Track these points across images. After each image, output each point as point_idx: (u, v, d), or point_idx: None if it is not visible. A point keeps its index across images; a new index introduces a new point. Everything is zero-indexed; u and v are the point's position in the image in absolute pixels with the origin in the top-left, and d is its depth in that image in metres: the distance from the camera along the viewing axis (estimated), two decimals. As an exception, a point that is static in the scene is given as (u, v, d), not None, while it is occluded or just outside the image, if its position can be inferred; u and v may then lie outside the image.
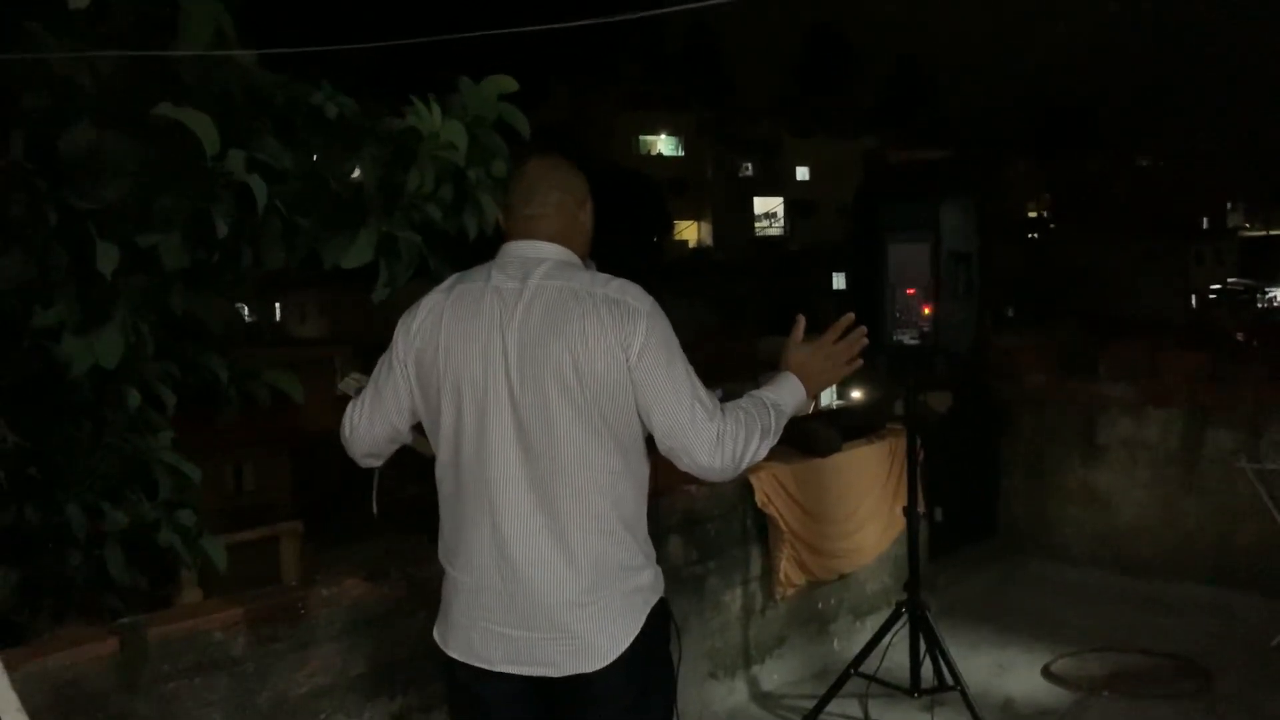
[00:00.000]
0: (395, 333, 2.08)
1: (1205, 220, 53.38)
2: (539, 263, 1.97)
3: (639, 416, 1.92)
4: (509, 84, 2.71)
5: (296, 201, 2.42)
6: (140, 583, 3.02)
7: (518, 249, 2.03)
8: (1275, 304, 48.75)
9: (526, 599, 1.92)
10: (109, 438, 2.87)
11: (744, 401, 2.00)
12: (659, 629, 2.00)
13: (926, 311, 3.50)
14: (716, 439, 1.89)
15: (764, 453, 1.96)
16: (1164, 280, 42.11)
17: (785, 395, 2.05)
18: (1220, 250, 50.30)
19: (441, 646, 2.04)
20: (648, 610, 1.97)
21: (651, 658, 1.99)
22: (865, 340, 2.15)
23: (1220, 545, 4.88)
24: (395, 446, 2.20)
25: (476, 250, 2.69)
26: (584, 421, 1.89)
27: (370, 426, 2.12)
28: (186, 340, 2.94)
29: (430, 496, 2.11)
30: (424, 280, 2.51)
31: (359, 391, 2.16)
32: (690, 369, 1.94)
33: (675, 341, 1.94)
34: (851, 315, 2.15)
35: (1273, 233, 57.93)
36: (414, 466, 2.40)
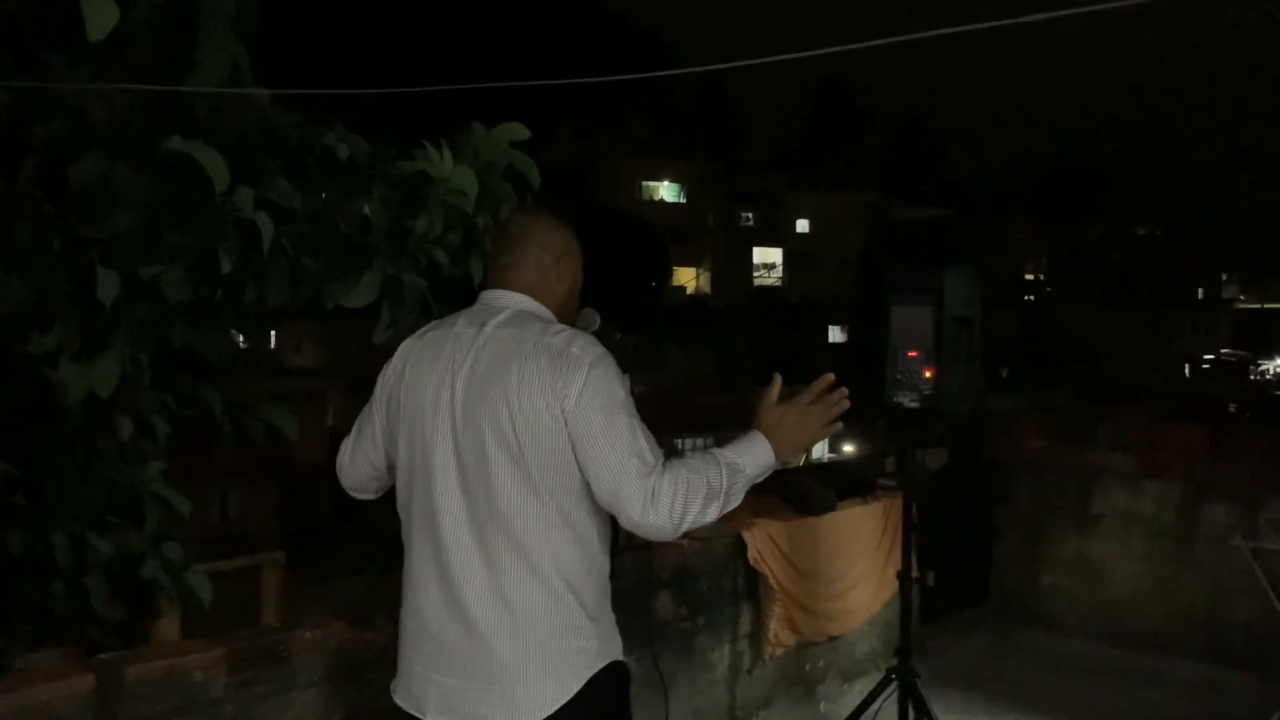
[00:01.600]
0: (378, 376, 2.12)
1: (1200, 290, 53.81)
2: (499, 311, 1.99)
3: (580, 470, 1.87)
4: (520, 132, 2.73)
5: (304, 241, 2.42)
6: (119, 614, 2.98)
7: (488, 297, 2.06)
8: (1267, 376, 48.99)
9: (462, 647, 1.89)
10: (100, 467, 2.85)
11: (696, 459, 1.90)
12: (607, 695, 1.92)
13: (927, 375, 3.49)
14: (650, 496, 1.80)
15: (713, 515, 1.86)
16: (1158, 348, 42.30)
17: (748, 456, 1.93)
18: (1215, 321, 50.65)
19: (392, 695, 2.02)
20: (590, 673, 1.90)
21: None
22: (846, 403, 2.04)
23: (1213, 622, 4.84)
24: (379, 484, 2.20)
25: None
26: (519, 473, 1.85)
27: (353, 464, 2.17)
28: (183, 372, 2.93)
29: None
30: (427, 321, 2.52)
31: None
32: (635, 422, 1.86)
33: (620, 393, 1.87)
34: (831, 376, 2.05)
35: (1267, 305, 58.36)
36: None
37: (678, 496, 1.81)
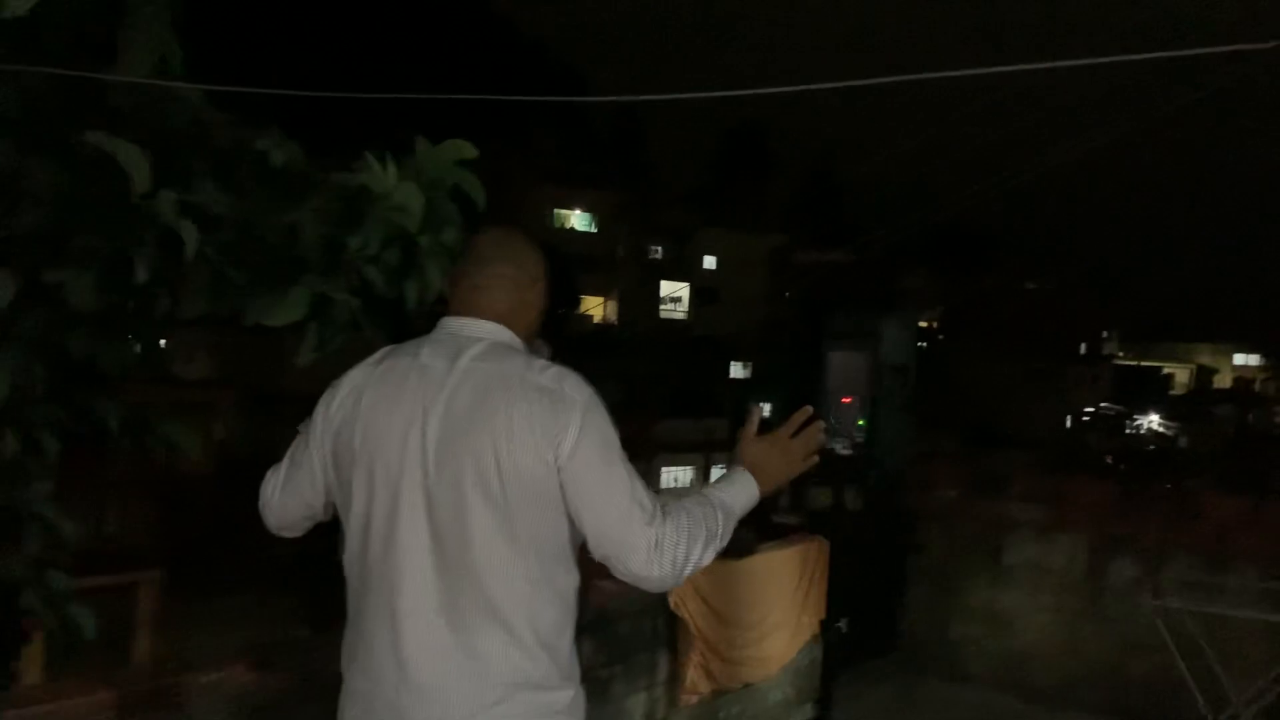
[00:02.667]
0: (317, 407, 1.94)
1: (1083, 345, 56.05)
2: (473, 342, 1.84)
3: (568, 521, 1.76)
4: (467, 150, 2.58)
5: (229, 251, 2.23)
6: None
7: (455, 325, 1.91)
8: (1141, 431, 51.30)
9: (422, 713, 1.73)
10: (-22, 486, 2.59)
11: (689, 502, 1.83)
12: None
13: (861, 422, 3.46)
14: (654, 545, 1.71)
15: (709, 558, 1.79)
16: (1043, 398, 43.87)
17: (737, 495, 1.89)
18: (1095, 375, 52.86)
19: None
20: None
21: None
22: (824, 436, 2.02)
23: (1116, 677, 4.92)
24: (309, 523, 2.03)
25: (416, 320, 2.54)
26: (502, 522, 1.72)
27: (283, 501, 1.99)
28: (80, 383, 2.70)
29: (301, 555, 1.94)
30: (359, 343, 2.36)
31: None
32: (631, 468, 1.78)
33: (614, 437, 1.79)
34: (809, 408, 2.03)
35: (1143, 363, 61.34)
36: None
37: (680, 544, 1.73)
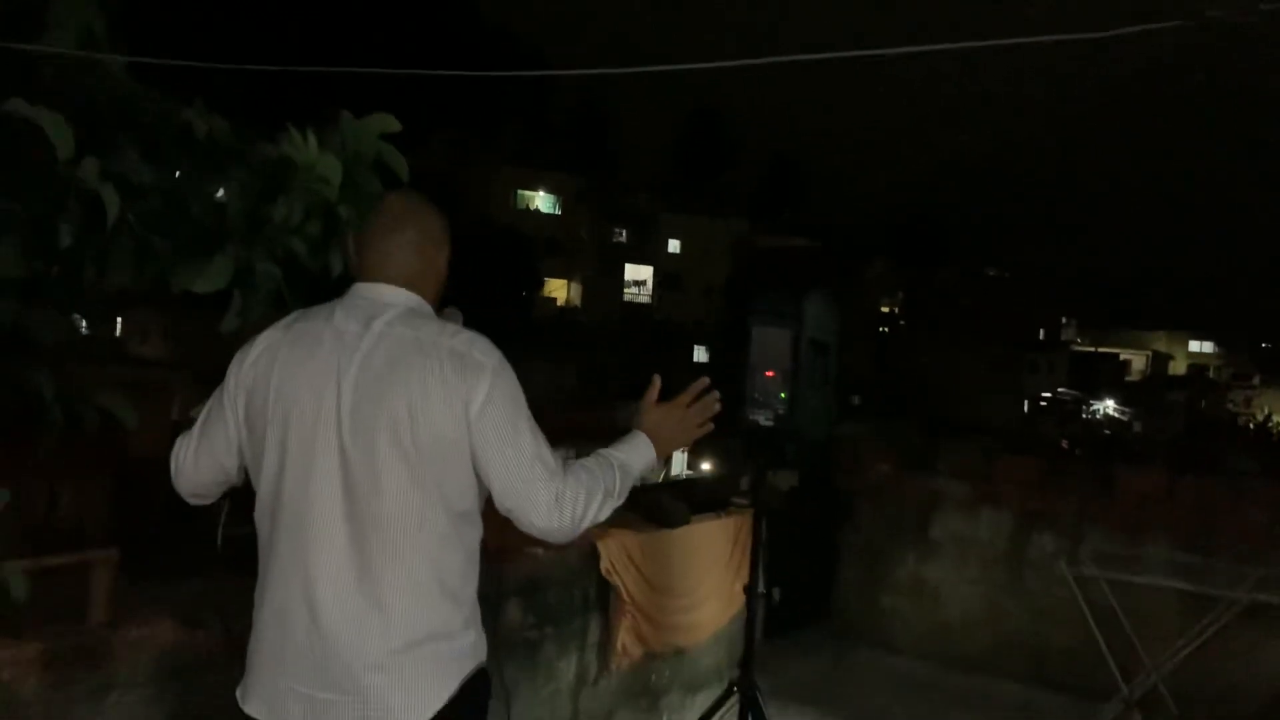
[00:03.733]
0: (229, 368, 2.00)
1: (1041, 332, 56.82)
2: (387, 308, 1.92)
3: (476, 478, 1.85)
4: (391, 124, 2.65)
5: (152, 219, 2.29)
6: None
7: (367, 290, 1.97)
8: (1097, 416, 52.15)
9: (330, 658, 1.82)
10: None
11: (589, 461, 1.94)
12: (473, 699, 1.89)
13: (783, 395, 3.57)
14: (555, 500, 1.82)
15: (606, 513, 1.90)
16: (1001, 383, 44.45)
17: (634, 456, 2.00)
18: (1053, 361, 53.61)
19: (241, 703, 1.92)
20: (461, 677, 1.86)
21: None
22: (718, 405, 2.14)
23: (1037, 646, 5.10)
24: (223, 489, 2.09)
25: (337, 289, 2.61)
26: (414, 479, 1.80)
27: (196, 465, 2.03)
28: (11, 354, 2.75)
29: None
30: (281, 314, 2.43)
31: None
32: (535, 427, 1.87)
33: (521, 398, 1.88)
34: (706, 380, 2.14)
35: (1100, 350, 62.30)
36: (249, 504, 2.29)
37: (579, 500, 1.84)
